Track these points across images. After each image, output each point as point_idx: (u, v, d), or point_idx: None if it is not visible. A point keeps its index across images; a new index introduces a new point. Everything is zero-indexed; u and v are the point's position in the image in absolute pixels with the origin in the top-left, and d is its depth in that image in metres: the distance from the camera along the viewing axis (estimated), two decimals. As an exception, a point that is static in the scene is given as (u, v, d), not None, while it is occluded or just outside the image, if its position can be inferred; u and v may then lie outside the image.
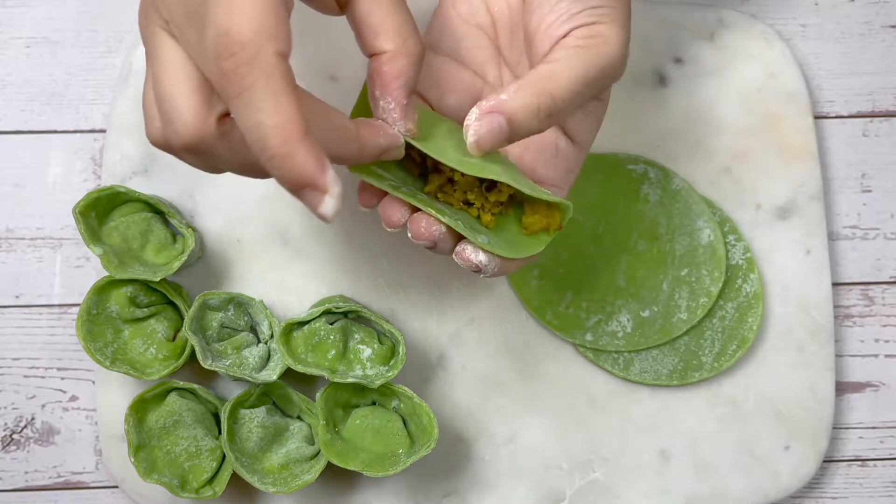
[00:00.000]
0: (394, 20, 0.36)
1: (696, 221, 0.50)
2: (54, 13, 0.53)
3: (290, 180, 0.30)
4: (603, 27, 0.37)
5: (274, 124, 0.30)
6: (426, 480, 0.50)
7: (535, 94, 0.36)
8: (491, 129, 0.36)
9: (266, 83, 0.30)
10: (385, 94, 0.36)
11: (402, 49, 0.36)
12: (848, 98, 0.54)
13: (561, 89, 0.36)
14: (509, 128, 0.36)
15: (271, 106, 0.30)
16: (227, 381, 0.50)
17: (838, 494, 0.54)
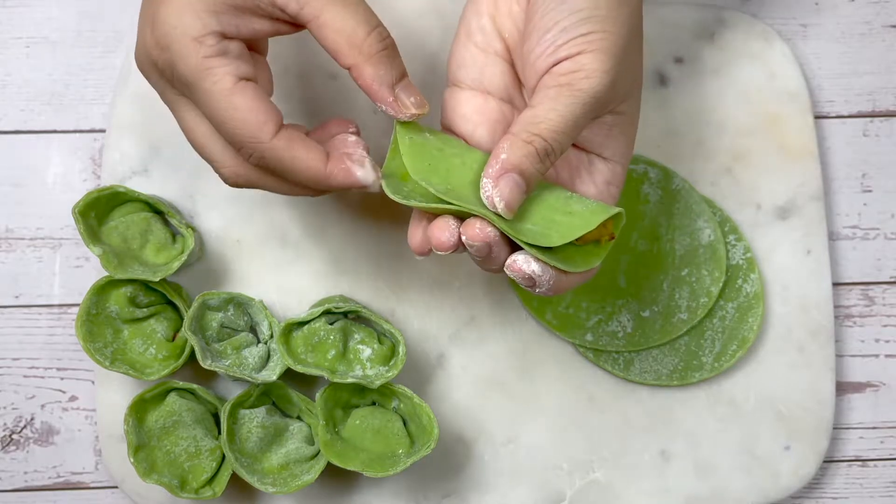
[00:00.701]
0: (345, 34, 0.37)
1: (696, 221, 0.50)
2: (54, 13, 0.53)
3: (341, 189, 0.38)
4: (586, 57, 0.37)
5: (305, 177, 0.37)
6: (426, 480, 0.50)
7: (527, 141, 0.37)
8: (511, 190, 0.37)
9: (280, 157, 0.37)
10: (374, 101, 0.38)
11: (362, 58, 0.37)
12: (848, 98, 0.54)
13: (549, 132, 0.37)
14: (524, 179, 0.37)
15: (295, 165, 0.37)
16: (227, 382, 0.50)
17: (838, 494, 0.54)
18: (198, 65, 0.36)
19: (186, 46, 0.36)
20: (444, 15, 0.51)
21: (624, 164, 0.41)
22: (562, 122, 0.37)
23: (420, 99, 0.38)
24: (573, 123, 0.37)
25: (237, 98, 0.36)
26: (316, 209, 0.51)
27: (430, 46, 0.51)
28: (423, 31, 0.51)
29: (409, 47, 0.51)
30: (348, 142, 0.39)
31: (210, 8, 0.36)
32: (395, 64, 0.37)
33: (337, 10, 0.36)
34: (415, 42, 0.51)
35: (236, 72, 0.36)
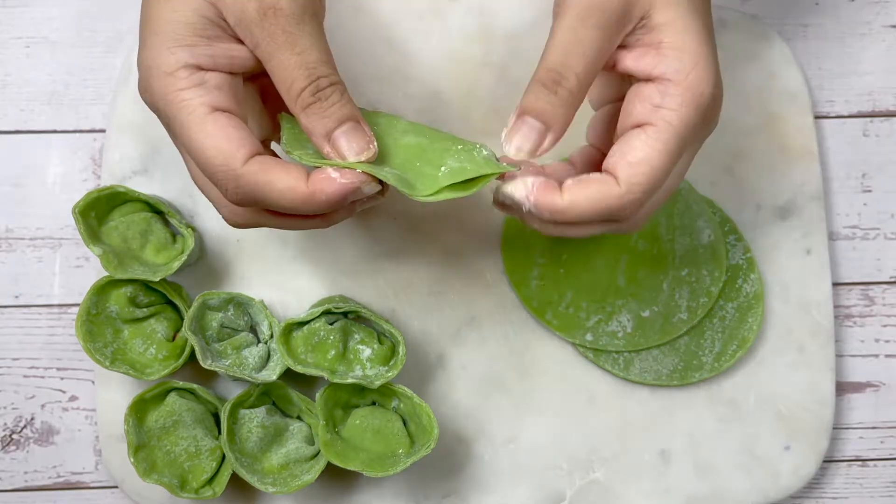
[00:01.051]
0: (285, 85, 0.36)
1: (696, 221, 0.50)
2: (54, 13, 0.53)
3: (334, 206, 0.36)
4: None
5: (289, 201, 0.36)
6: (426, 480, 0.50)
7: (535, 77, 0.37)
8: (524, 135, 0.37)
9: (256, 182, 0.35)
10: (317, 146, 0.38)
11: (298, 109, 0.37)
12: (848, 98, 0.54)
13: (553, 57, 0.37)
14: (539, 119, 0.37)
15: (273, 189, 0.36)
16: (227, 381, 0.50)
17: (838, 494, 0.54)
18: (172, 98, 0.36)
19: (162, 83, 0.36)
20: (445, 15, 0.51)
21: (680, 82, 0.36)
22: (565, 43, 0.36)
23: (362, 144, 0.37)
24: (578, 41, 0.36)
25: (209, 126, 0.36)
26: (316, 209, 0.51)
27: (431, 47, 0.51)
28: (423, 31, 0.51)
29: (410, 48, 0.51)
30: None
31: (181, 42, 0.36)
32: (330, 113, 0.36)
33: (281, 57, 0.36)
34: (415, 43, 0.51)
35: (211, 102, 0.36)
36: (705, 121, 0.38)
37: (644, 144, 0.36)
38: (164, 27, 0.36)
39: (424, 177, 0.38)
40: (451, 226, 0.51)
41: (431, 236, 0.51)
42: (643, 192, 0.36)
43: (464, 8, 0.52)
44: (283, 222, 0.39)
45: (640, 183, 0.36)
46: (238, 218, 0.39)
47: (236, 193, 0.36)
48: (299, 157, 0.37)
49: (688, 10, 0.37)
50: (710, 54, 0.37)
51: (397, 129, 0.41)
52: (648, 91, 0.37)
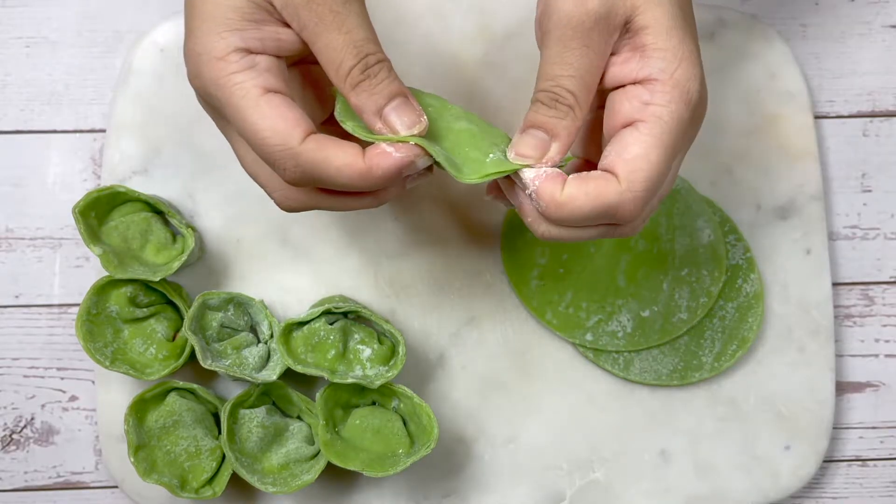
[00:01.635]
0: (334, 65, 0.36)
1: (696, 221, 0.50)
2: (54, 13, 0.53)
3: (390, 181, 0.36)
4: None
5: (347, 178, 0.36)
6: (426, 480, 0.50)
7: (533, 100, 0.37)
8: (528, 144, 0.37)
9: (314, 160, 0.35)
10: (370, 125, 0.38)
11: (347, 88, 0.37)
12: (848, 98, 0.54)
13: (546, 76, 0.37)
14: (542, 130, 0.37)
15: (330, 166, 0.36)
16: (227, 381, 0.50)
17: (838, 494, 0.54)
18: (225, 82, 0.36)
19: (213, 68, 0.36)
20: (445, 15, 0.52)
21: (666, 81, 0.37)
22: (550, 68, 0.37)
23: (413, 118, 0.37)
24: (564, 62, 0.37)
25: (264, 107, 0.36)
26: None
27: (431, 47, 0.51)
28: (423, 31, 0.51)
29: (410, 48, 0.51)
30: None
31: (231, 26, 0.36)
32: (380, 89, 0.37)
33: (329, 38, 0.36)
34: (415, 43, 0.51)
35: (264, 84, 0.36)
36: (693, 118, 0.38)
37: (638, 140, 0.36)
38: (213, 13, 0.36)
39: (471, 161, 0.38)
40: (451, 226, 0.51)
41: (431, 236, 0.51)
42: (644, 189, 0.36)
43: (464, 8, 0.52)
44: (337, 202, 0.39)
45: (639, 179, 0.36)
46: (292, 202, 0.39)
47: (295, 172, 0.36)
48: (353, 129, 0.37)
49: (670, 10, 0.37)
50: (694, 53, 0.37)
51: (451, 113, 0.41)
52: (636, 90, 0.37)
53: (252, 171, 0.39)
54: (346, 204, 0.39)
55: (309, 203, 0.39)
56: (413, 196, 0.51)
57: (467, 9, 0.52)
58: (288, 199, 0.39)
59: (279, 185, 0.39)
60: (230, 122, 0.37)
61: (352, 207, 0.40)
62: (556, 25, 0.37)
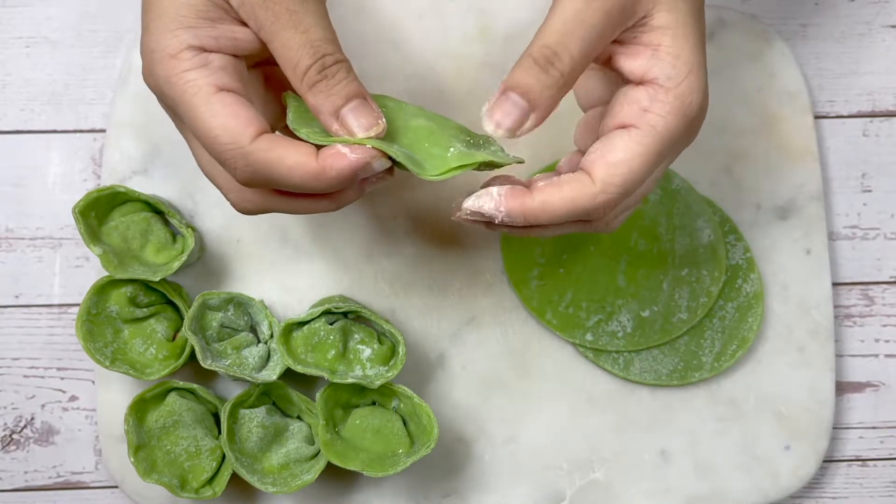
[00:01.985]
0: (291, 65, 0.36)
1: (696, 221, 0.51)
2: (54, 13, 0.53)
3: (345, 182, 0.36)
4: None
5: (299, 178, 0.35)
6: (426, 480, 0.50)
7: (528, 52, 0.36)
8: (507, 112, 0.36)
9: (266, 160, 0.35)
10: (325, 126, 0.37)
11: (304, 88, 0.36)
12: (848, 98, 0.54)
13: (551, 34, 0.35)
14: (524, 97, 0.36)
15: (282, 165, 0.35)
16: (227, 381, 0.50)
17: (838, 494, 0.54)
18: (177, 80, 0.35)
19: (166, 66, 0.35)
20: (445, 15, 0.52)
21: (670, 89, 0.36)
22: (566, 21, 0.35)
23: (370, 120, 0.36)
24: (580, 21, 0.35)
25: (215, 104, 0.35)
26: (316, 209, 0.51)
27: (431, 47, 0.51)
28: (423, 31, 0.51)
29: (410, 48, 0.51)
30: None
31: (184, 24, 0.36)
32: (337, 90, 0.36)
33: (285, 36, 0.36)
34: (415, 43, 0.51)
35: (216, 82, 0.35)
36: (689, 131, 0.37)
37: (626, 146, 0.36)
38: (167, 10, 0.35)
39: (433, 157, 0.37)
40: (451, 226, 0.51)
41: (431, 236, 0.51)
42: (617, 194, 0.36)
43: (464, 8, 0.52)
44: (293, 204, 0.38)
45: (615, 184, 0.36)
46: (247, 203, 0.38)
47: (245, 172, 0.35)
48: (307, 136, 0.37)
49: (688, 16, 0.36)
50: (702, 63, 0.37)
51: (406, 112, 0.40)
52: (637, 94, 0.37)
53: (207, 172, 0.39)
54: (303, 206, 0.39)
55: (264, 205, 0.38)
56: (413, 196, 0.51)
57: (467, 9, 0.52)
58: (243, 201, 0.38)
59: (234, 185, 0.38)
60: (183, 120, 0.36)
61: (308, 210, 0.39)
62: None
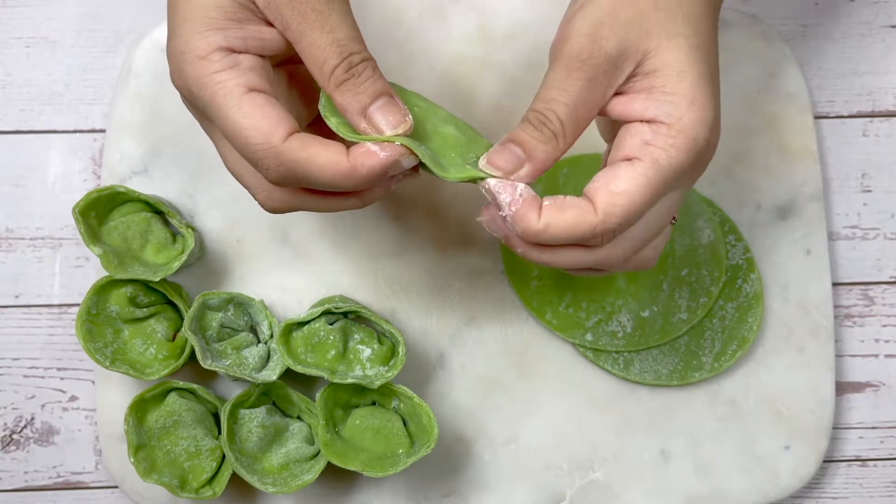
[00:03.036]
0: (318, 64, 0.36)
1: (696, 221, 0.51)
2: (54, 13, 0.53)
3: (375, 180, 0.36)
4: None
5: (330, 176, 0.36)
6: (426, 480, 0.50)
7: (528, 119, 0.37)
8: (506, 158, 0.37)
9: (297, 159, 0.35)
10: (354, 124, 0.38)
11: (332, 87, 0.36)
12: (848, 98, 0.54)
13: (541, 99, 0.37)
14: (524, 150, 0.37)
15: (313, 164, 0.35)
16: (227, 381, 0.50)
17: (838, 494, 0.54)
18: (207, 80, 0.36)
19: (196, 67, 0.36)
20: (445, 15, 0.52)
21: (673, 125, 0.36)
22: (552, 86, 0.36)
23: (398, 118, 0.37)
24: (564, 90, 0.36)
25: (246, 105, 0.35)
26: (316, 209, 0.51)
27: (431, 47, 0.51)
28: (423, 31, 0.51)
29: (410, 48, 0.51)
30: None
31: (213, 25, 0.36)
32: (364, 88, 0.36)
33: (312, 36, 0.36)
34: (415, 43, 0.51)
35: (247, 83, 0.36)
36: (697, 164, 0.37)
37: (628, 176, 0.36)
38: (195, 12, 0.36)
39: (455, 165, 0.38)
40: (451, 226, 0.51)
41: (432, 236, 0.51)
42: (618, 224, 0.36)
43: (464, 8, 0.52)
44: (321, 202, 0.39)
45: (616, 214, 0.36)
46: (276, 202, 0.39)
47: (277, 171, 0.36)
48: (336, 126, 0.37)
49: (687, 53, 0.36)
50: (708, 95, 0.37)
51: (438, 116, 0.41)
52: (641, 128, 0.37)
53: (236, 172, 0.39)
54: (331, 205, 0.39)
55: (293, 203, 0.39)
56: (413, 196, 0.51)
57: (467, 9, 0.52)
58: (272, 200, 0.39)
59: (263, 185, 0.38)
60: (213, 121, 0.37)
61: (336, 208, 0.39)
62: (567, 54, 0.36)
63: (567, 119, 0.37)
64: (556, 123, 0.37)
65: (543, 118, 0.37)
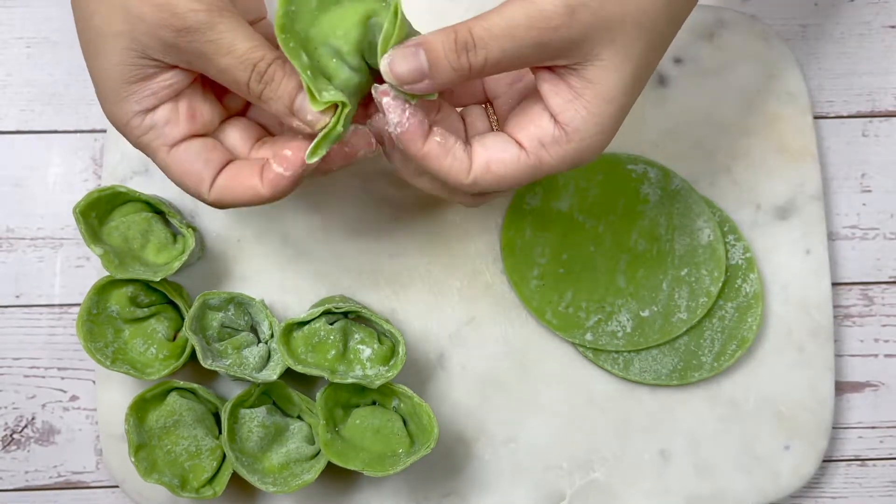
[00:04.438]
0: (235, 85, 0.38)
1: (695, 221, 0.51)
2: (54, 13, 0.53)
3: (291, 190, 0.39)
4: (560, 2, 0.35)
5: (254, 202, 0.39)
6: (426, 480, 0.50)
7: (454, 29, 0.36)
8: (408, 61, 0.36)
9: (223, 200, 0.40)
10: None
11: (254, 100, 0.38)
12: (847, 98, 0.54)
13: (480, 28, 0.36)
14: (429, 61, 0.36)
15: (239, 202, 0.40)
16: (228, 381, 0.50)
17: (838, 494, 0.54)
18: (137, 143, 0.39)
19: (125, 132, 0.39)
20: (445, 16, 0.52)
21: (573, 140, 0.38)
22: (496, 25, 0.35)
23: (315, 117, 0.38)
24: (508, 34, 0.35)
25: (172, 165, 0.39)
26: (317, 209, 0.51)
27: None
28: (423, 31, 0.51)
29: (410, 47, 0.51)
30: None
31: (121, 95, 0.38)
32: (280, 93, 0.38)
33: (217, 64, 0.37)
34: (415, 42, 0.51)
35: (167, 141, 0.39)
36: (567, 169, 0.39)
37: (511, 161, 0.38)
38: (103, 86, 0.38)
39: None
40: (451, 226, 0.51)
41: (431, 236, 0.51)
42: (480, 190, 0.39)
43: (464, 8, 0.52)
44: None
45: (482, 185, 0.38)
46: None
47: (210, 204, 0.40)
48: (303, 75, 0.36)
49: (627, 83, 0.37)
50: (615, 128, 0.38)
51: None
52: (547, 126, 0.38)
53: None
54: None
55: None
56: (413, 196, 0.51)
57: (467, 9, 0.52)
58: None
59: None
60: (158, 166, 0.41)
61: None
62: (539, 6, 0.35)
63: (491, 63, 0.36)
64: (480, 60, 0.36)
65: (471, 47, 0.36)
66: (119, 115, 0.39)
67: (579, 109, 0.37)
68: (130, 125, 0.39)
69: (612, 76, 0.37)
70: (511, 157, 0.38)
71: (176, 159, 0.39)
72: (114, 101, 0.38)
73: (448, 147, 0.38)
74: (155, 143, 0.39)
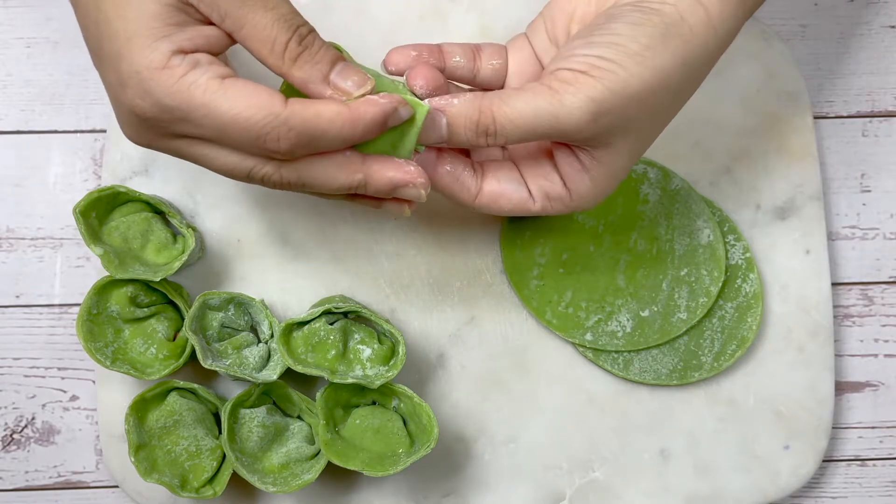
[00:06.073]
0: (267, 45, 0.36)
1: (695, 221, 0.51)
2: (55, 13, 0.53)
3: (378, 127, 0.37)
4: (586, 80, 0.37)
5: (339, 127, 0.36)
6: (426, 480, 0.50)
7: (479, 109, 0.38)
8: (431, 127, 0.39)
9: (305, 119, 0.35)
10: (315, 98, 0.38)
11: (288, 65, 0.36)
12: (847, 98, 0.54)
13: (503, 115, 0.38)
14: (446, 130, 0.39)
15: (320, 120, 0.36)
16: (228, 381, 0.50)
17: (838, 494, 0.54)
18: (179, 86, 0.35)
19: (161, 78, 0.35)
20: (445, 16, 0.52)
21: (575, 200, 0.42)
22: (523, 115, 0.38)
23: (360, 78, 0.37)
24: (532, 126, 0.38)
25: (231, 91, 0.35)
26: (317, 209, 0.51)
27: (431, 47, 0.51)
28: (423, 31, 0.51)
29: (410, 48, 0.51)
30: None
31: (158, 35, 0.35)
32: (320, 57, 0.36)
33: (255, 18, 0.35)
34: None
35: (217, 74, 0.35)
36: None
37: (518, 201, 0.42)
38: (136, 28, 0.35)
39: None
40: (451, 226, 0.51)
41: (431, 236, 0.51)
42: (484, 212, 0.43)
43: (464, 8, 0.52)
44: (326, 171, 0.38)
45: (486, 209, 0.43)
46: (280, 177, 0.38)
47: (288, 138, 0.35)
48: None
49: (628, 161, 0.41)
50: (609, 194, 0.42)
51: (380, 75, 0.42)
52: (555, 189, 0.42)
53: (228, 166, 0.37)
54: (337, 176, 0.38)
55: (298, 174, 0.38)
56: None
57: (467, 9, 0.52)
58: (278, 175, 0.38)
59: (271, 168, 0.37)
60: (201, 126, 0.35)
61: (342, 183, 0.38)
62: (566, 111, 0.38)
63: (508, 143, 0.39)
64: (497, 142, 0.39)
65: (493, 132, 0.39)
66: (154, 58, 0.35)
67: (586, 181, 0.41)
68: (171, 65, 0.35)
69: (620, 159, 0.40)
70: (519, 199, 0.42)
71: (236, 86, 0.35)
72: (148, 44, 0.35)
73: (457, 175, 0.42)
74: (204, 77, 0.35)
